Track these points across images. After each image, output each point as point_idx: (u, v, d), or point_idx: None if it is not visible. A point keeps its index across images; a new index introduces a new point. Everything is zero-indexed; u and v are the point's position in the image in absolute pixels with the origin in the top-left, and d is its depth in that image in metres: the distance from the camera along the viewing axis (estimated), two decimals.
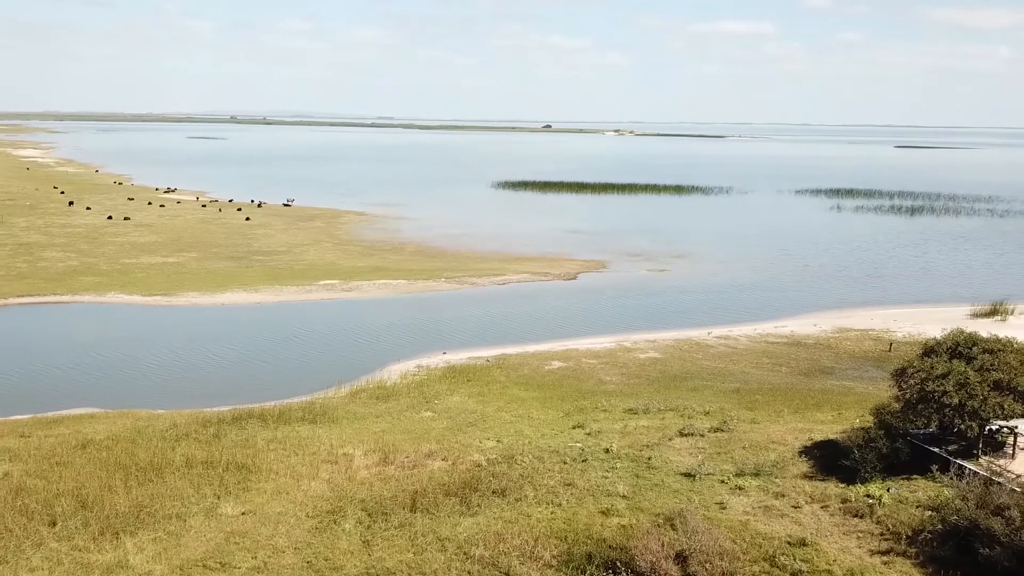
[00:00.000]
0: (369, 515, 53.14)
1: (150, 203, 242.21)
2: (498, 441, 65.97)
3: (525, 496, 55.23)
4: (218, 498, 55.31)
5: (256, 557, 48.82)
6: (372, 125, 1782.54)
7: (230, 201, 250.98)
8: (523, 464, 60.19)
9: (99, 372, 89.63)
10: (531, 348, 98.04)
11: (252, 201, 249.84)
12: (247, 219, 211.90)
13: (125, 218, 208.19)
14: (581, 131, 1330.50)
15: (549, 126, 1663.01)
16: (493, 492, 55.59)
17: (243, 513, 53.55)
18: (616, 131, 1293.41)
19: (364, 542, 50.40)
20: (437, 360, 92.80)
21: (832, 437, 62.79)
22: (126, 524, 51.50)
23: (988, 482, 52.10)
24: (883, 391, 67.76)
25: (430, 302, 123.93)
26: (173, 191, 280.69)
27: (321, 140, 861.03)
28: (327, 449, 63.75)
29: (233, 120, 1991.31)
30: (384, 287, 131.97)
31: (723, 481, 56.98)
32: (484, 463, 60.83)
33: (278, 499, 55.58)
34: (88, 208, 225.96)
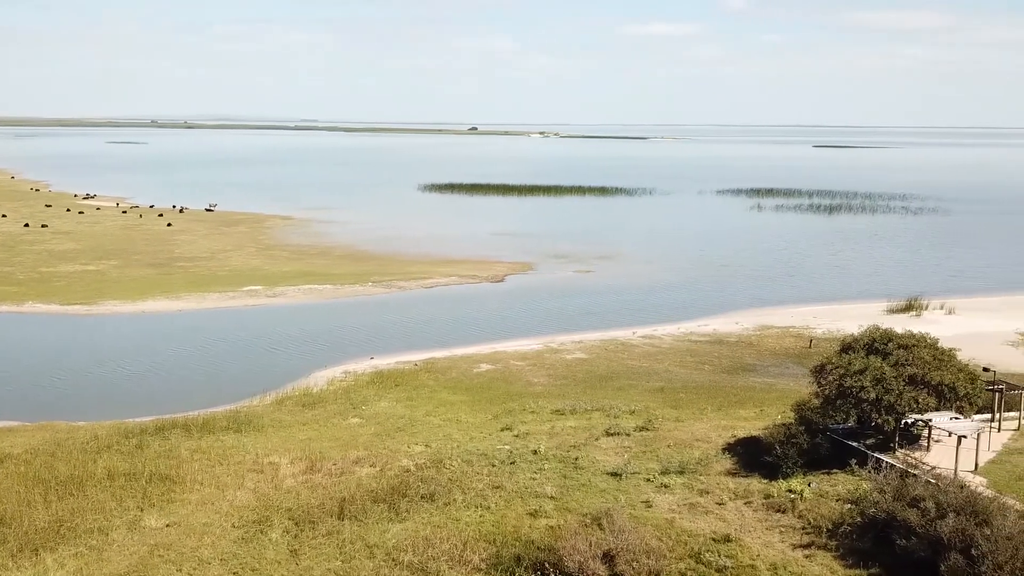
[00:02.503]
0: (296, 524, 52.75)
1: (68, 210, 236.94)
2: (427, 446, 65.96)
3: (454, 500, 55.34)
4: (141, 510, 54.44)
5: (181, 569, 48.16)
6: (296, 128, 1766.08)
7: (151, 207, 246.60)
8: (452, 468, 60.29)
9: (16, 384, 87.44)
10: (459, 351, 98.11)
11: (174, 207, 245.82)
12: (169, 225, 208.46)
13: (42, 225, 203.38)
14: (507, 133, 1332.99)
15: (475, 128, 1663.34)
16: (422, 497, 55.59)
17: (167, 525, 52.79)
18: (542, 133, 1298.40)
19: (291, 551, 50.03)
20: (364, 365, 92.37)
21: (755, 434, 63.99)
22: (46, 540, 50.40)
23: (904, 474, 53.57)
24: (804, 387, 69.21)
25: (357, 307, 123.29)
26: (92, 197, 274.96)
27: (244, 144, 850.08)
28: (252, 458, 63.10)
29: (154, 124, 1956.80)
30: (310, 292, 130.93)
31: (649, 480, 57.73)
32: (413, 468, 60.79)
33: (203, 510, 54.87)
34: (3, 215, 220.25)
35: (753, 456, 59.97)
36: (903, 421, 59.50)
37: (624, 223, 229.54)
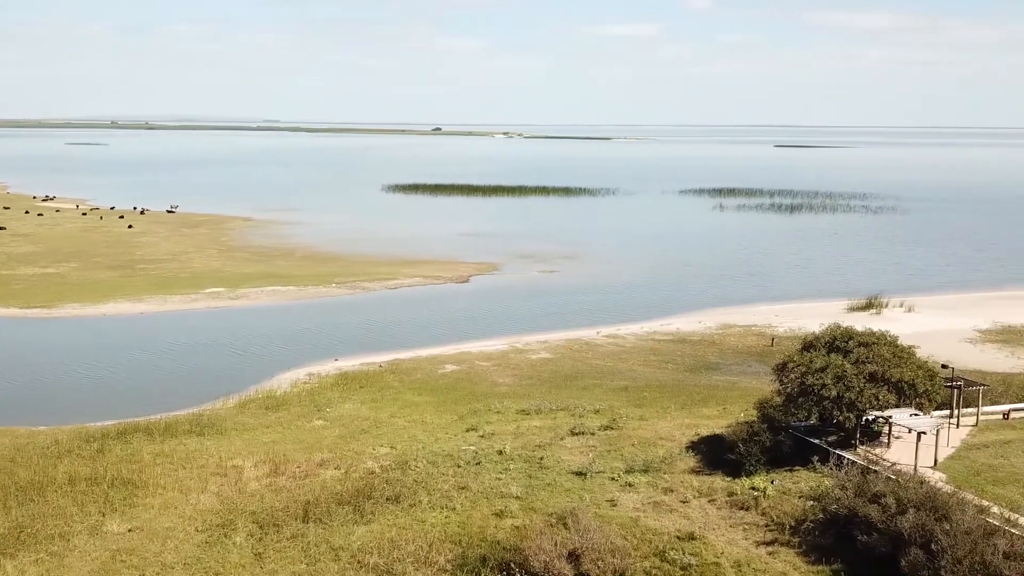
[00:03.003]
0: (260, 527, 52.48)
1: (27, 212, 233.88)
2: (392, 447, 65.84)
3: (419, 502, 55.31)
4: (103, 515, 53.92)
5: (144, 574, 47.77)
6: (258, 128, 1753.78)
7: (112, 208, 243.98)
8: (417, 470, 60.24)
9: None
10: (424, 352, 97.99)
11: (135, 208, 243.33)
12: (130, 227, 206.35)
13: (0, 228, 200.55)
14: (471, 134, 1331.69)
15: (439, 129, 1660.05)
16: (387, 499, 55.52)
17: (130, 530, 52.32)
18: (506, 134, 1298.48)
19: (256, 555, 49.78)
20: (329, 367, 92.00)
21: (718, 432, 64.49)
22: (5, 546, 49.81)
23: (865, 471, 54.24)
24: (766, 385, 69.86)
25: (321, 308, 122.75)
26: (52, 199, 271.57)
27: (206, 144, 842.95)
28: (216, 461, 62.69)
29: (114, 125, 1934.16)
30: (273, 294, 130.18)
31: (614, 478, 58.02)
32: (378, 470, 60.68)
33: (166, 514, 54.45)
34: None
35: (716, 454, 60.44)
36: (864, 418, 60.22)
37: (588, 223, 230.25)
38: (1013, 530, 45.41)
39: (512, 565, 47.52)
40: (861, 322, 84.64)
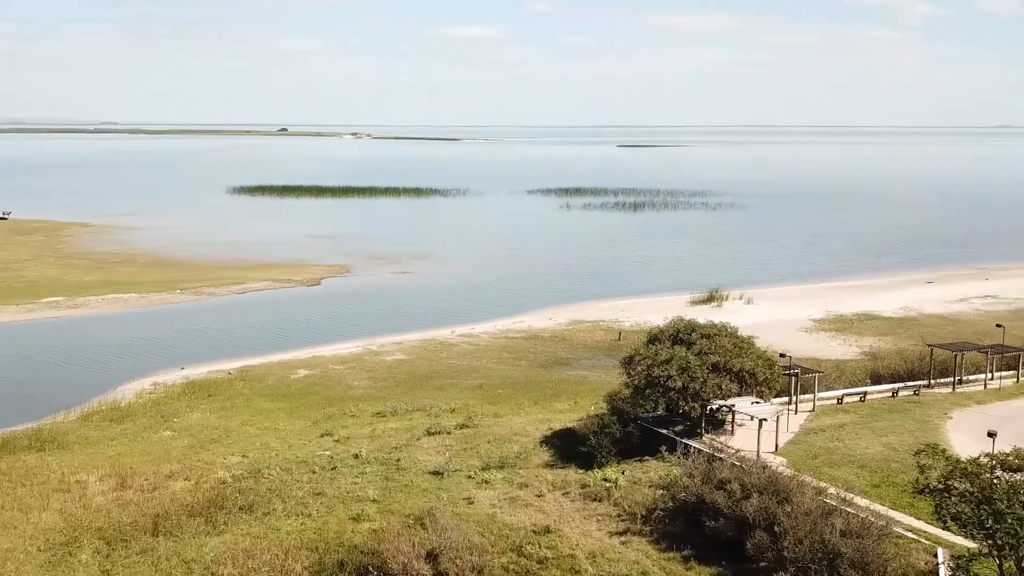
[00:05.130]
0: (107, 543, 50.78)
1: None
2: (244, 456, 64.63)
3: (274, 510, 54.56)
4: None
5: None
6: (96, 132, 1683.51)
7: None
8: (271, 477, 59.39)
9: None
10: (276, 358, 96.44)
11: None
12: None
13: None
14: (318, 134, 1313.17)
15: (285, 129, 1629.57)
16: (240, 508, 54.55)
17: None
18: (354, 134, 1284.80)
19: (103, 572, 48.18)
20: (175, 376, 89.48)
21: (570, 425, 65.83)
22: None
23: (711, 458, 56.35)
24: (615, 378, 71.59)
25: (166, 315, 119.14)
26: None
27: (39, 148, 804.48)
28: (58, 477, 60.26)
29: None
30: (115, 302, 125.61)
31: (470, 476, 58.55)
32: (229, 479, 59.52)
33: (5, 535, 52.06)
34: None
35: (569, 447, 61.69)
36: (708, 407, 62.54)
37: (440, 224, 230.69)
38: (848, 509, 47.94)
39: (370, 568, 47.42)
40: (703, 315, 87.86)
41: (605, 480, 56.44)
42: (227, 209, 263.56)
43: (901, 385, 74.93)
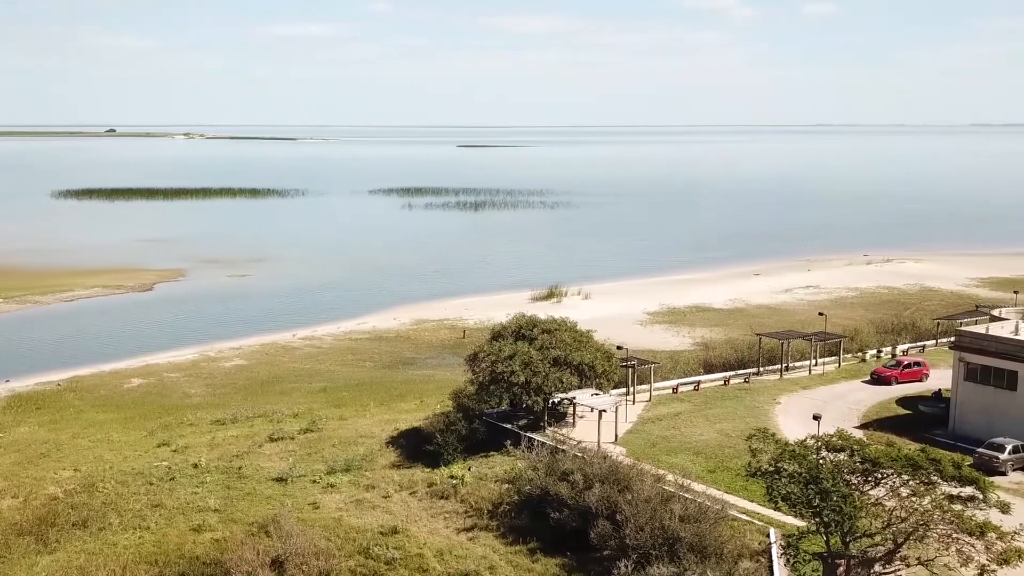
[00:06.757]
0: None
1: None
2: (76, 470, 62.06)
3: (110, 524, 52.68)
4: None
5: None
6: None
7: None
8: (106, 491, 57.29)
9: None
10: (108, 367, 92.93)
11: None
12: None
13: None
14: (149, 135, 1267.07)
15: (113, 130, 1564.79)
16: (73, 524, 52.47)
17: None
18: (187, 135, 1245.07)
19: None
20: None
21: (416, 425, 65.92)
22: None
23: (555, 451, 57.44)
24: (460, 376, 72.04)
25: None
26: None
27: None
28: None
29: None
30: None
31: (315, 481, 57.90)
32: (61, 495, 57.10)
33: None
34: None
35: (416, 447, 61.79)
36: (551, 401, 63.72)
37: (278, 225, 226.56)
38: (686, 495, 49.68)
39: None
40: (544, 311, 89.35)
41: (452, 477, 56.78)
42: (52, 214, 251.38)
43: (732, 373, 78.15)
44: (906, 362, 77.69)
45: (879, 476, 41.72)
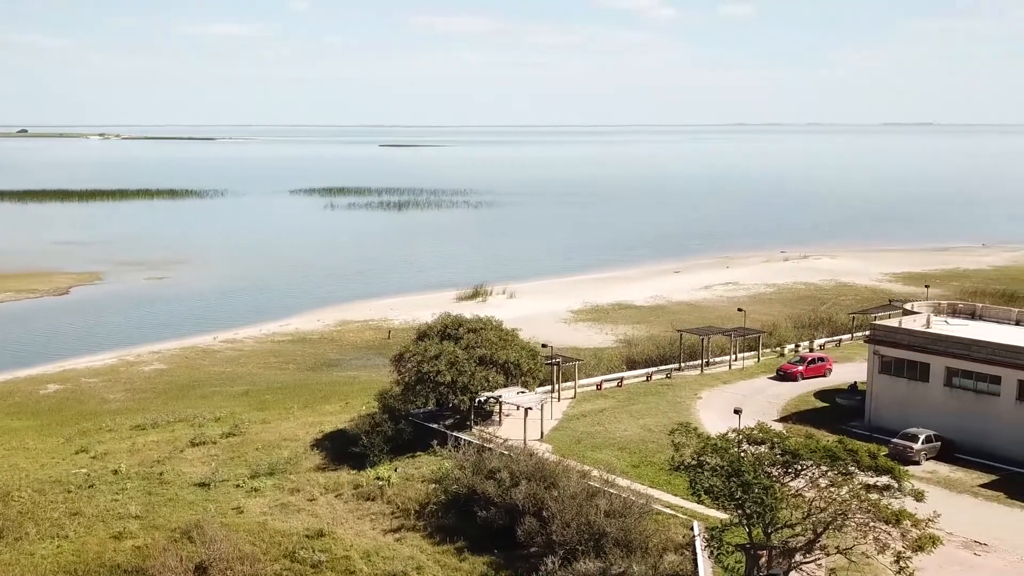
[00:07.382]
0: None
1: None
2: None
3: (26, 534, 51.40)
4: None
5: None
6: None
7: None
8: (21, 500, 55.87)
9: None
10: (22, 373, 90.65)
11: None
12: None
13: None
14: (63, 135, 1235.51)
15: (25, 131, 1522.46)
16: None
17: None
18: (101, 135, 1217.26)
19: None
20: None
21: (341, 427, 65.49)
22: None
23: (481, 449, 57.55)
24: (386, 377, 71.76)
25: None
26: None
27: None
28: None
29: None
30: None
31: (239, 485, 57.20)
32: None
33: None
34: None
35: (341, 449, 61.39)
36: (477, 399, 63.83)
37: (197, 226, 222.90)
38: (611, 490, 50.20)
39: None
40: (469, 310, 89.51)
41: (378, 479, 56.53)
42: None
43: (655, 369, 79.18)
44: (810, 358, 79.30)
45: (799, 468, 42.61)
